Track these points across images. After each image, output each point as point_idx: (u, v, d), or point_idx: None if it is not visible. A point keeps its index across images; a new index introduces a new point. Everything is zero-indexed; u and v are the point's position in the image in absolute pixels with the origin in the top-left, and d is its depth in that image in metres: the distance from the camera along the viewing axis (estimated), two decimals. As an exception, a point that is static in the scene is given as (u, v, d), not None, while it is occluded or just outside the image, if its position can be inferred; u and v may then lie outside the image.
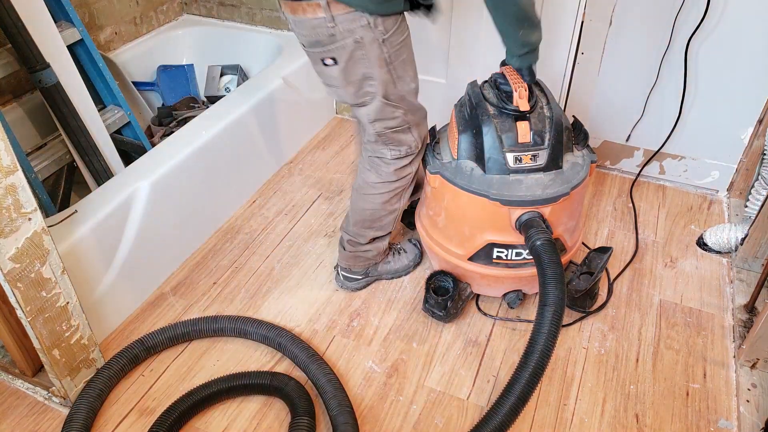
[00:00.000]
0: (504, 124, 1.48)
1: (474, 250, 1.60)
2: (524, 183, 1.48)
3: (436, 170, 1.57)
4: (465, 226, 1.59)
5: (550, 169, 1.49)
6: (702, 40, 1.97)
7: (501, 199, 1.47)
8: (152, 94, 2.63)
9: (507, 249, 1.57)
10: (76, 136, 2.00)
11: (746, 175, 2.12)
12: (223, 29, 2.73)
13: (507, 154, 1.47)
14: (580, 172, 1.52)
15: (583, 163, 1.55)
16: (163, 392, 1.60)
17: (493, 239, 1.56)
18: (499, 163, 1.48)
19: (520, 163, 1.47)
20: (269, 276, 1.95)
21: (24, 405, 1.59)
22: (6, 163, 1.21)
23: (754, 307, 1.75)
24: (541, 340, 1.29)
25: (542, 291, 1.35)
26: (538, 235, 1.42)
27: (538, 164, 1.48)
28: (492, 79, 1.58)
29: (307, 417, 1.46)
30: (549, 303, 1.32)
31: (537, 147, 1.47)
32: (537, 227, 1.44)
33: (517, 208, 1.48)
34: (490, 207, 1.49)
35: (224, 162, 2.10)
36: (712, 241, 1.98)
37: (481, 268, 1.63)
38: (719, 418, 1.53)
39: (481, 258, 1.61)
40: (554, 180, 1.49)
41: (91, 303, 1.66)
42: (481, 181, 1.50)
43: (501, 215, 1.50)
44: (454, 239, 1.64)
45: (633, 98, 2.17)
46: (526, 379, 1.28)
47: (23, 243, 1.30)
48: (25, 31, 1.82)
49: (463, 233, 1.61)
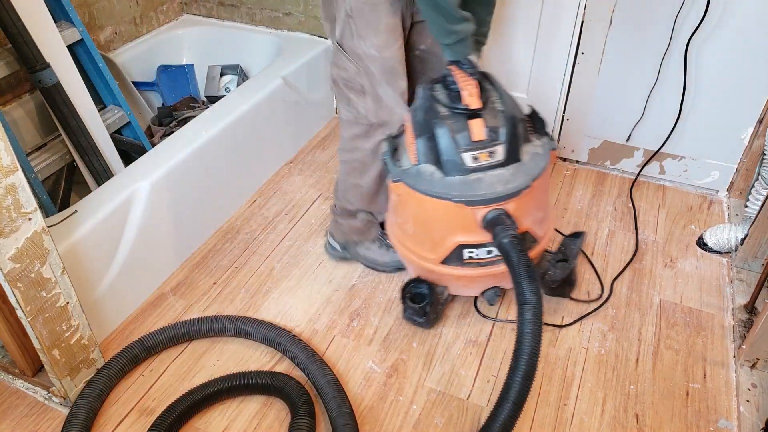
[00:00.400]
0: (457, 124, 1.45)
1: (445, 254, 1.58)
2: (485, 181, 1.46)
3: (398, 178, 1.54)
4: (433, 230, 1.57)
5: (510, 163, 1.47)
6: (702, 40, 1.97)
7: (464, 200, 1.45)
8: (152, 94, 2.63)
9: (477, 248, 1.55)
10: (76, 136, 2.00)
11: (746, 175, 2.12)
12: (223, 29, 2.73)
13: (463, 154, 1.45)
14: (540, 162, 1.50)
15: (543, 152, 1.53)
16: (163, 392, 1.60)
17: (462, 240, 1.54)
18: (457, 163, 1.46)
19: (478, 162, 1.45)
20: (269, 276, 1.95)
21: (24, 405, 1.59)
22: (6, 163, 1.21)
23: (754, 307, 1.75)
24: (527, 340, 1.28)
25: (517, 289, 1.34)
26: (504, 232, 1.41)
27: (497, 160, 1.46)
28: (442, 80, 1.55)
29: (307, 417, 1.46)
30: (526, 300, 1.31)
31: (493, 143, 1.45)
32: (502, 224, 1.42)
33: (481, 207, 1.46)
34: (454, 209, 1.47)
35: (224, 162, 2.10)
36: (712, 241, 1.98)
37: (455, 270, 1.61)
38: (719, 418, 1.53)
39: (453, 260, 1.59)
40: (515, 174, 1.47)
41: (91, 303, 1.66)
42: (442, 184, 1.47)
43: (466, 216, 1.48)
44: (424, 245, 1.62)
45: (633, 98, 2.17)
46: (519, 382, 1.27)
47: (23, 243, 1.30)
48: (25, 31, 1.82)
49: (432, 238, 1.59)
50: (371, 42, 1.53)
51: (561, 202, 2.23)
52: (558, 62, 2.21)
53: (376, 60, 1.56)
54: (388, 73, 1.58)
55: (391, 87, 1.60)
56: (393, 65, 1.58)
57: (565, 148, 2.40)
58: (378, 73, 1.58)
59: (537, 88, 2.30)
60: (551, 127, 2.37)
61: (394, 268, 1.92)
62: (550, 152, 1.54)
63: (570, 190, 2.29)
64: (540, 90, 2.30)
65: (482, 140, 1.44)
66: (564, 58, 2.19)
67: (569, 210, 2.19)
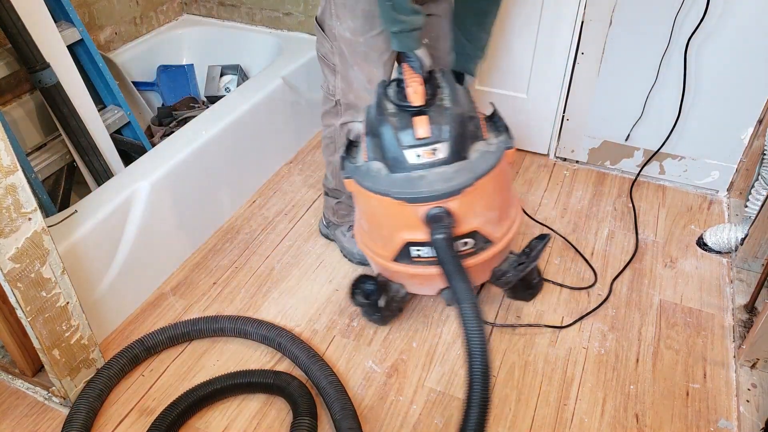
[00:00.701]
0: (401, 122, 1.44)
1: (395, 251, 1.56)
2: (427, 178, 1.43)
3: (348, 174, 1.54)
4: (382, 227, 1.56)
5: (454, 161, 1.44)
6: (702, 40, 1.97)
7: (404, 198, 1.43)
8: (152, 94, 2.63)
9: (424, 246, 1.52)
10: (76, 136, 2.00)
11: (746, 175, 2.12)
12: (223, 29, 2.73)
13: (406, 152, 1.43)
14: (489, 160, 1.46)
15: (496, 150, 1.49)
16: (163, 392, 1.60)
17: (408, 238, 1.51)
18: (400, 160, 1.44)
19: (421, 159, 1.43)
20: (269, 276, 1.95)
21: (24, 405, 1.59)
22: (6, 163, 1.21)
23: (754, 307, 1.75)
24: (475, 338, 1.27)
25: (451, 288, 1.34)
26: (436, 231, 1.39)
27: (440, 158, 1.43)
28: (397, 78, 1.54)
29: (309, 417, 1.46)
30: (462, 299, 1.30)
31: (436, 140, 1.42)
32: (438, 222, 1.41)
33: (422, 204, 1.44)
34: (397, 206, 1.45)
35: (224, 162, 2.10)
36: (712, 241, 1.98)
37: (405, 267, 1.58)
38: (719, 418, 1.53)
39: (403, 258, 1.57)
40: (458, 172, 1.43)
41: (91, 303, 1.66)
42: (386, 181, 1.46)
43: (409, 213, 1.46)
44: (378, 242, 1.60)
45: (633, 98, 2.17)
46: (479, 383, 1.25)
47: (23, 243, 1.30)
48: (25, 31, 1.82)
49: (382, 235, 1.57)
50: (347, 24, 1.56)
51: (561, 202, 2.23)
52: (558, 62, 2.21)
53: (348, 42, 1.59)
54: (360, 57, 1.60)
55: (362, 72, 1.62)
56: (366, 51, 1.59)
57: (565, 148, 2.40)
58: (349, 56, 1.61)
59: (537, 88, 2.30)
60: (551, 127, 2.37)
61: (359, 260, 1.95)
62: (505, 150, 1.49)
63: (570, 190, 2.29)
64: (540, 90, 2.30)
65: (426, 138, 1.42)
66: (564, 58, 2.19)
67: (569, 210, 2.19)
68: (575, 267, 1.95)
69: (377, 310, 1.69)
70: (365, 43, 1.58)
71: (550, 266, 1.96)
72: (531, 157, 2.46)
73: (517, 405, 1.56)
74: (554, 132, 2.38)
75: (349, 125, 1.73)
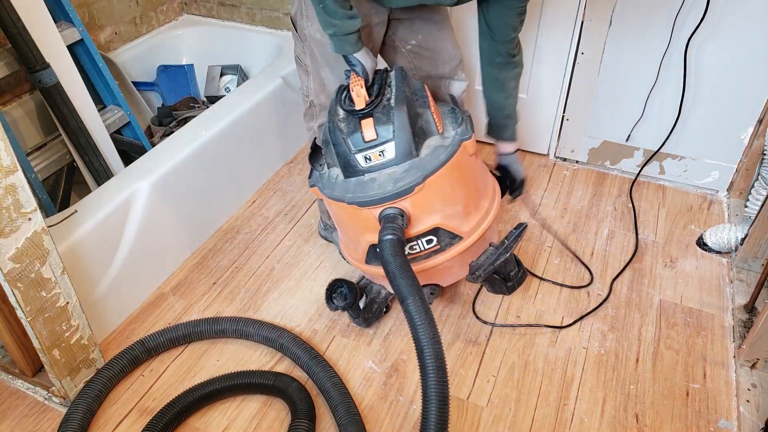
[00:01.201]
0: (350, 126, 1.43)
1: (364, 253, 1.56)
2: (377, 180, 1.42)
3: (313, 182, 1.55)
4: (348, 231, 1.56)
5: (404, 161, 1.42)
6: (702, 40, 1.97)
7: (356, 202, 1.43)
8: (152, 94, 2.63)
9: None
10: (76, 136, 2.00)
11: (746, 175, 2.12)
12: (223, 29, 2.73)
13: (356, 155, 1.42)
14: (441, 155, 1.42)
15: (450, 144, 1.44)
16: (163, 392, 1.60)
17: (371, 240, 1.49)
18: (353, 164, 1.44)
19: (371, 161, 1.42)
20: (269, 276, 1.95)
21: (24, 405, 1.59)
22: (6, 163, 1.21)
23: (754, 307, 1.76)
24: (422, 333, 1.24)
25: (394, 288, 1.31)
26: (384, 231, 1.38)
27: (388, 158, 1.42)
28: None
29: (306, 420, 1.46)
30: (405, 296, 1.27)
31: (384, 141, 1.41)
32: (387, 223, 1.39)
33: (375, 207, 1.42)
34: (353, 211, 1.45)
35: (224, 162, 2.10)
36: (712, 241, 1.98)
37: (377, 269, 1.54)
38: (719, 418, 1.53)
39: (373, 259, 1.55)
40: (408, 171, 1.41)
41: (91, 303, 1.66)
42: (341, 186, 1.46)
43: (366, 217, 1.45)
44: (349, 245, 1.62)
45: (633, 98, 2.17)
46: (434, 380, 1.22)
47: (23, 243, 1.30)
48: (25, 31, 1.82)
49: (350, 238, 1.58)
50: (316, 26, 1.54)
51: (561, 202, 2.23)
52: (558, 62, 2.21)
53: (318, 43, 1.59)
54: (331, 58, 1.60)
55: (333, 73, 1.63)
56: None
57: (565, 148, 2.40)
58: (319, 56, 1.62)
59: (537, 88, 2.31)
60: (551, 128, 2.37)
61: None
62: (462, 143, 1.45)
63: (570, 190, 2.29)
64: (540, 90, 2.31)
65: (373, 140, 1.41)
66: (564, 58, 2.19)
67: (569, 210, 2.19)
68: (575, 267, 1.95)
69: (358, 312, 1.69)
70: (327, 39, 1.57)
71: (550, 266, 1.96)
72: (531, 157, 2.46)
73: (517, 405, 1.56)
74: (554, 132, 2.38)
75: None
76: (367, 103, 1.43)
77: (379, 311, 1.74)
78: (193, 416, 1.54)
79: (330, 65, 1.62)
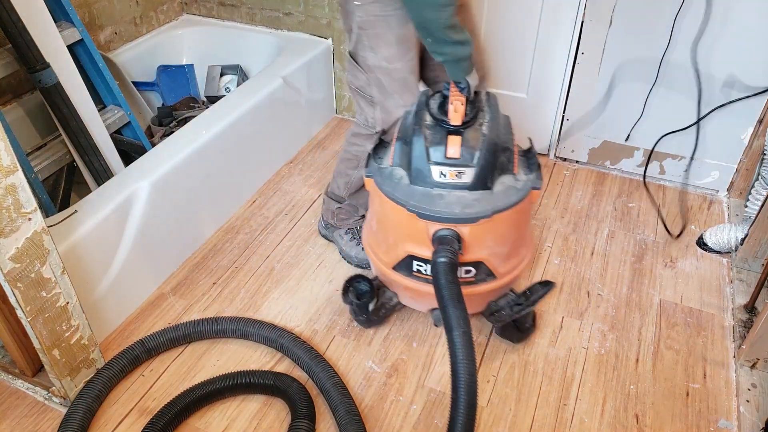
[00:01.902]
0: (435, 137, 1.42)
1: (396, 260, 1.55)
2: (446, 199, 1.42)
3: (370, 174, 1.53)
4: (390, 233, 1.55)
5: (477, 189, 1.42)
6: (702, 40, 1.97)
7: (418, 212, 1.41)
8: (152, 94, 2.63)
9: (426, 263, 1.51)
10: (76, 136, 2.00)
11: (746, 175, 2.12)
12: (223, 29, 2.73)
13: (432, 167, 1.42)
14: (512, 196, 1.43)
15: (522, 188, 1.45)
16: (163, 392, 1.60)
17: (412, 251, 1.50)
18: (424, 175, 1.43)
19: (445, 178, 1.42)
20: (269, 276, 1.95)
21: (24, 405, 1.59)
22: (6, 163, 1.21)
23: (754, 307, 1.76)
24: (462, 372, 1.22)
25: (443, 314, 1.30)
26: (441, 253, 1.36)
27: (464, 182, 1.41)
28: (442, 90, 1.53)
29: (306, 420, 1.46)
30: (454, 327, 1.26)
31: (465, 164, 1.40)
32: (444, 245, 1.38)
33: (434, 223, 1.42)
34: (409, 218, 1.43)
35: (224, 162, 2.10)
36: (712, 241, 1.98)
37: (403, 279, 1.57)
38: (719, 418, 1.53)
39: (403, 269, 1.56)
40: (479, 200, 1.41)
41: (91, 303, 1.66)
42: (405, 190, 1.45)
43: (419, 228, 1.44)
44: (382, 245, 1.60)
45: (633, 98, 2.17)
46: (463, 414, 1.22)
47: (23, 243, 1.30)
48: (25, 31, 1.82)
49: (387, 240, 1.56)
50: (382, 54, 1.56)
51: (561, 202, 2.23)
52: (558, 62, 2.21)
53: (386, 72, 1.59)
54: (399, 84, 1.60)
55: (402, 99, 1.62)
56: (404, 76, 1.60)
57: (565, 148, 2.40)
58: (387, 85, 1.60)
59: (537, 88, 2.31)
60: (551, 128, 2.37)
61: (357, 262, 1.96)
62: (531, 190, 1.46)
63: (570, 190, 2.29)
64: (540, 90, 2.31)
65: (455, 158, 1.40)
66: (564, 58, 2.19)
67: (569, 210, 2.19)
68: (575, 267, 1.96)
69: (365, 312, 1.69)
70: (403, 69, 1.59)
71: (550, 266, 1.96)
72: (531, 157, 2.46)
73: (517, 405, 1.56)
74: (554, 132, 2.38)
75: None
76: (464, 121, 1.42)
77: (384, 316, 1.74)
78: (193, 416, 1.54)
79: (398, 92, 1.62)
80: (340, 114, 2.77)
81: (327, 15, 2.50)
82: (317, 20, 2.54)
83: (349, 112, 2.74)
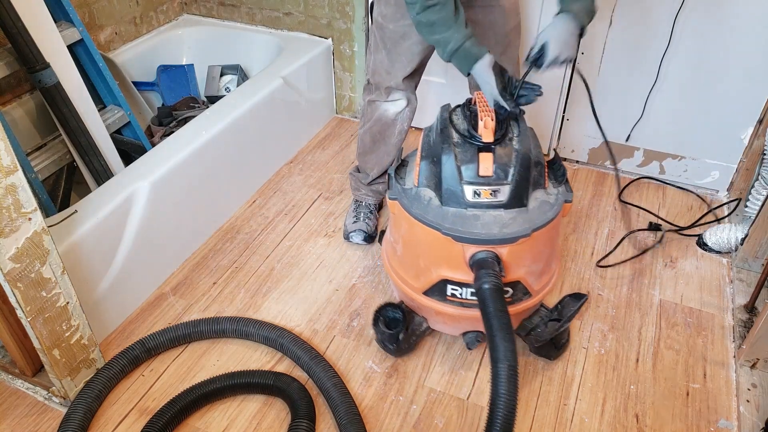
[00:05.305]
0: (465, 154, 1.37)
1: (428, 285, 1.48)
2: (481, 219, 1.36)
3: (395, 196, 1.46)
4: (420, 258, 1.48)
5: (513, 207, 1.37)
6: (702, 40, 1.97)
7: (454, 235, 1.35)
8: (152, 94, 2.63)
9: (461, 287, 1.44)
10: (76, 136, 1.99)
11: (746, 175, 2.12)
12: (223, 29, 2.73)
13: (465, 187, 1.36)
14: (548, 212, 1.39)
15: (555, 202, 1.42)
16: (163, 392, 1.60)
17: (446, 275, 1.43)
18: (457, 195, 1.37)
19: (479, 198, 1.36)
20: (269, 276, 1.95)
21: (24, 405, 1.59)
22: (6, 163, 1.21)
23: (754, 307, 1.76)
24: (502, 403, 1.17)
25: (490, 344, 1.23)
26: (486, 278, 1.30)
27: (499, 200, 1.36)
28: (465, 105, 1.48)
29: (306, 420, 1.46)
30: (500, 359, 1.20)
31: (499, 182, 1.35)
32: (487, 269, 1.32)
33: (471, 245, 1.36)
34: (443, 241, 1.37)
35: (224, 162, 2.10)
36: (712, 241, 1.98)
37: (436, 304, 1.50)
38: (719, 418, 1.53)
39: (436, 294, 1.49)
40: (515, 219, 1.36)
41: (91, 303, 1.66)
42: (436, 212, 1.38)
43: (455, 251, 1.38)
44: (410, 270, 1.53)
45: (633, 98, 2.17)
46: None
47: (23, 243, 1.30)
48: (25, 31, 1.82)
49: (418, 265, 1.49)
50: (380, 9, 1.69)
51: (561, 202, 2.23)
52: (558, 62, 2.21)
53: (380, 26, 1.71)
54: (389, 43, 1.71)
55: (388, 57, 1.73)
56: (393, 38, 1.69)
57: (565, 148, 2.40)
58: (379, 39, 1.73)
59: (537, 88, 2.30)
60: (551, 127, 2.37)
61: (345, 234, 2.05)
62: (564, 204, 1.43)
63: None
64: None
65: (488, 176, 1.35)
66: (564, 58, 2.19)
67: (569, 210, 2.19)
68: (575, 267, 1.96)
69: (395, 341, 1.60)
70: (394, 30, 1.67)
71: (550, 266, 1.96)
72: (531, 157, 2.46)
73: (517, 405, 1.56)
74: (554, 132, 2.38)
75: (375, 104, 1.84)
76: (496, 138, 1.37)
77: (415, 343, 1.66)
78: (193, 416, 1.54)
79: (387, 49, 1.72)
80: (340, 114, 2.76)
81: (327, 15, 2.50)
82: (317, 20, 2.54)
83: (349, 112, 2.74)
